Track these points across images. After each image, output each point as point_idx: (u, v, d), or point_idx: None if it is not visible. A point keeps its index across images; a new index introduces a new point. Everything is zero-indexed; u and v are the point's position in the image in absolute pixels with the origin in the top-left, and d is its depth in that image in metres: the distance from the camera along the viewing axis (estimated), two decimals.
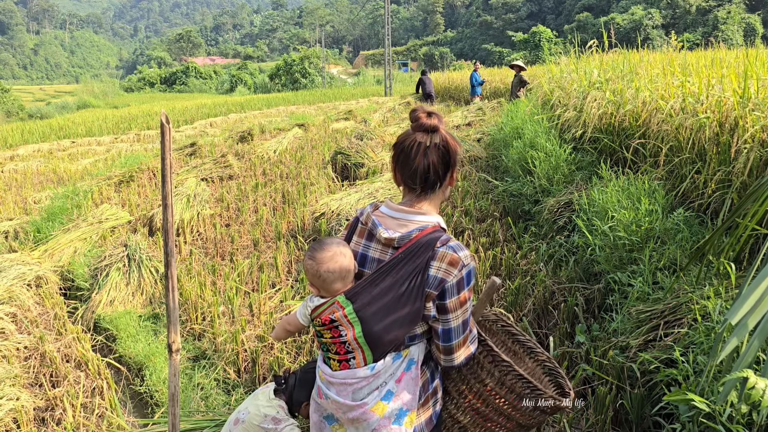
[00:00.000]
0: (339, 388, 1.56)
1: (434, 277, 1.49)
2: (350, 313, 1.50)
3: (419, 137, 1.55)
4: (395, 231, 1.55)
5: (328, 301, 1.54)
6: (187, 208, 5.91)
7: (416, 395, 1.57)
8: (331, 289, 1.55)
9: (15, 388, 3.03)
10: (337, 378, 1.55)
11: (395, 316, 1.49)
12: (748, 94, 3.73)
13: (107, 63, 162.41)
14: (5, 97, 37.38)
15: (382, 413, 1.52)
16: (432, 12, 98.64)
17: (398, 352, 1.55)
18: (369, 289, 1.51)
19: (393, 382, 1.54)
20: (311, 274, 1.56)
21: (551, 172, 5.42)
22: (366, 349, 1.51)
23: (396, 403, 1.54)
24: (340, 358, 1.54)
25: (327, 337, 1.55)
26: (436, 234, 1.53)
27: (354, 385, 1.53)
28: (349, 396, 1.54)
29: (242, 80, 53.39)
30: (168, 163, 1.67)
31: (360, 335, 1.49)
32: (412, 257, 1.50)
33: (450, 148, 1.57)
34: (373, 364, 1.52)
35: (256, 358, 3.31)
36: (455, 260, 1.50)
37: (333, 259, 1.54)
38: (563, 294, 3.74)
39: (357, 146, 7.85)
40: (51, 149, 14.33)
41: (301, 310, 1.64)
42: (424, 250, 1.50)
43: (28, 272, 4.41)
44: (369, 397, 1.53)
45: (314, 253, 1.56)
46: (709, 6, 54.12)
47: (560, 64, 8.29)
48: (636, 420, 2.52)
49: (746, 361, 1.38)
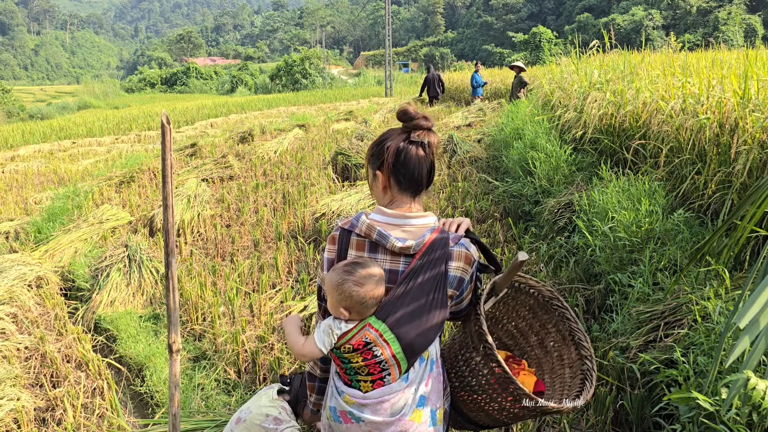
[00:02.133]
0: (375, 407, 1.49)
1: (454, 276, 1.50)
2: (385, 331, 1.45)
3: (416, 137, 1.50)
4: (406, 239, 1.50)
5: (358, 325, 1.48)
6: (187, 209, 5.92)
7: (440, 392, 1.58)
8: (366, 313, 1.49)
9: (15, 389, 3.03)
10: (372, 398, 1.49)
11: (428, 324, 1.47)
12: (748, 95, 3.73)
13: (108, 63, 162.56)
14: (6, 98, 37.41)
15: (420, 420, 1.51)
16: (432, 13, 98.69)
17: (421, 356, 1.53)
18: (397, 304, 1.46)
19: (423, 386, 1.53)
20: (355, 300, 1.46)
21: (551, 173, 5.42)
22: (403, 363, 1.48)
23: (428, 407, 1.54)
24: (374, 378, 1.49)
25: (357, 360, 1.48)
26: (444, 233, 1.52)
27: (391, 401, 1.49)
28: (387, 413, 1.49)
29: (243, 81, 53.40)
30: (169, 164, 1.67)
31: (399, 351, 1.46)
32: (432, 263, 1.46)
33: (433, 145, 1.54)
34: (406, 375, 1.50)
35: (257, 359, 3.32)
36: (469, 258, 1.52)
37: (378, 285, 1.47)
38: (564, 295, 3.74)
39: (357, 147, 7.85)
40: (52, 150, 14.33)
41: (321, 336, 1.52)
42: (441, 252, 1.47)
43: (28, 273, 4.41)
44: (406, 407, 1.50)
45: (360, 278, 1.46)
46: (710, 7, 54.12)
47: (561, 65, 8.29)
48: (636, 421, 2.52)
49: (752, 363, 1.38)
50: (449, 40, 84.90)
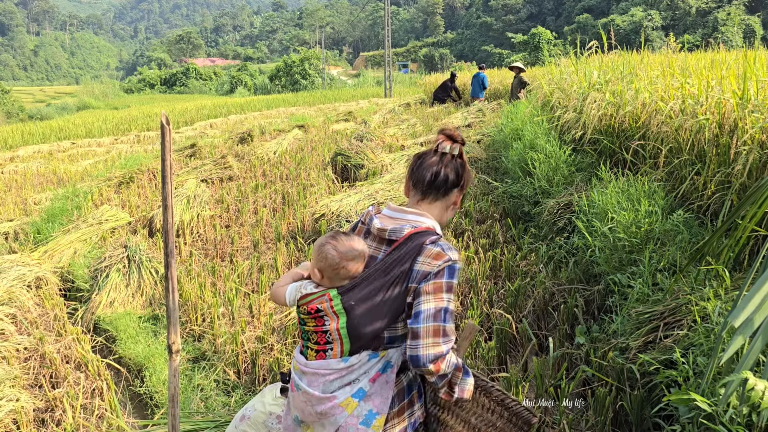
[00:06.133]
0: (311, 378, 1.56)
1: (417, 270, 1.51)
2: (337, 305, 1.52)
3: (441, 145, 1.67)
4: (389, 225, 1.59)
5: (320, 291, 1.56)
6: (187, 210, 5.91)
7: (388, 400, 1.56)
8: (336, 284, 1.57)
9: (15, 389, 3.03)
10: (311, 368, 1.56)
11: (379, 311, 1.52)
12: (747, 96, 3.73)
13: (107, 64, 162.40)
14: (5, 99, 37.37)
15: (351, 410, 1.53)
16: (432, 13, 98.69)
17: (376, 352, 1.56)
18: (360, 287, 1.53)
19: (367, 380, 1.54)
20: (329, 263, 1.55)
21: (551, 174, 5.42)
22: (345, 341, 1.53)
23: (367, 404, 1.54)
24: (318, 348, 1.56)
25: (310, 325, 1.57)
26: (428, 234, 1.56)
27: (326, 377, 1.54)
28: (319, 387, 1.55)
29: (242, 81, 53.37)
30: (168, 165, 1.67)
31: (343, 326, 1.52)
32: (401, 257, 1.52)
33: (465, 168, 1.70)
34: (348, 357, 1.54)
35: (256, 359, 3.31)
36: (440, 255, 1.52)
37: (356, 261, 1.55)
38: (563, 295, 3.74)
39: (357, 147, 7.85)
40: (51, 150, 14.32)
41: (292, 292, 1.64)
42: (413, 246, 1.53)
43: (28, 273, 4.41)
44: (340, 390, 1.53)
45: (339, 245, 1.55)
46: (709, 7, 54.16)
47: (560, 66, 8.29)
48: (636, 421, 2.52)
49: (749, 362, 1.38)
50: (448, 40, 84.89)
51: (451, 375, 1.53)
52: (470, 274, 4.15)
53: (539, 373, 2.76)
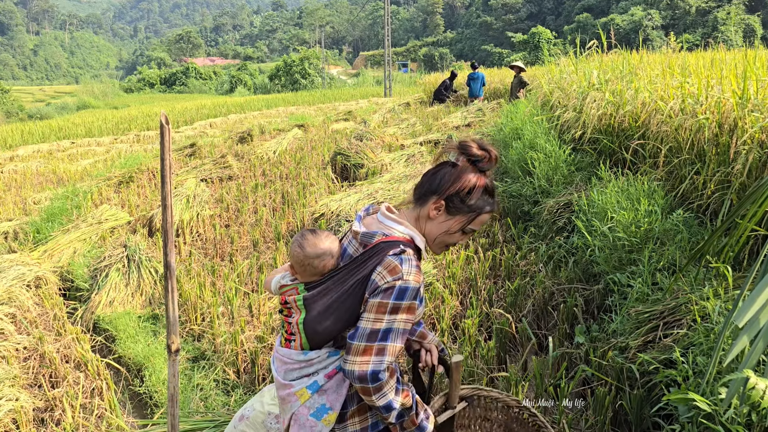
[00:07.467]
0: (278, 364, 1.65)
1: (372, 280, 1.49)
2: (299, 300, 1.57)
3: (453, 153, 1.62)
4: (362, 229, 1.60)
5: (292, 285, 1.63)
6: (186, 209, 5.91)
7: (342, 397, 1.57)
8: (305, 278, 1.62)
9: (14, 389, 3.03)
10: (279, 354, 1.65)
11: (336, 312, 1.53)
12: (747, 95, 3.73)
13: (107, 64, 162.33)
14: (5, 98, 37.36)
15: (304, 401, 1.57)
16: (432, 13, 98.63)
17: (337, 350, 1.59)
18: (321, 286, 1.56)
19: (323, 375, 1.58)
20: (294, 260, 1.61)
21: (551, 173, 5.42)
22: (303, 336, 1.57)
23: (320, 397, 1.57)
24: (287, 336, 1.63)
25: (284, 314, 1.65)
26: (397, 244, 1.50)
27: (288, 365, 1.61)
28: (281, 373, 1.63)
29: (242, 81, 53.35)
30: (167, 164, 1.67)
31: (301, 321, 1.57)
32: (365, 261, 1.51)
33: (459, 176, 1.57)
34: (308, 351, 1.58)
35: (256, 359, 3.31)
36: (396, 270, 1.45)
37: (321, 259, 1.59)
38: (563, 295, 3.74)
39: (357, 147, 7.85)
40: (51, 150, 14.31)
41: (278, 280, 1.71)
42: (376, 255, 1.50)
43: (27, 273, 4.41)
44: (297, 381, 1.59)
45: (304, 244, 1.60)
46: (709, 7, 54.13)
47: (560, 65, 8.29)
48: (635, 421, 2.52)
49: (751, 362, 1.38)
50: (448, 40, 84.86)
51: (405, 417, 1.52)
52: (470, 273, 4.15)
53: (539, 372, 2.76)
